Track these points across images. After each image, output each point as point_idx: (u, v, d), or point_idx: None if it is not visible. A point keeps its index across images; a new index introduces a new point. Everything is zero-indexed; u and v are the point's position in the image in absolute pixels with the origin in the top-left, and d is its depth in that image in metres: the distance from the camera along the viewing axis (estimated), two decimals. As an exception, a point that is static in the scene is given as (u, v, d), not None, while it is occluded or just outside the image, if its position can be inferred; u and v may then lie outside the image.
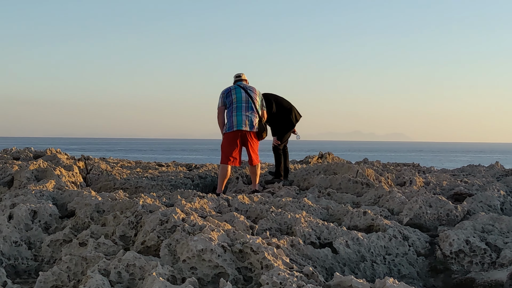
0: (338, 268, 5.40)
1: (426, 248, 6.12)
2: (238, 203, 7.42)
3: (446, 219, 7.33)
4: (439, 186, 10.02)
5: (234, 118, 9.90)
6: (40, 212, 6.74)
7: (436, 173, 13.91)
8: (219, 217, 6.39)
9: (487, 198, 8.14)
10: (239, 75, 10.36)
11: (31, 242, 6.17)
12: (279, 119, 11.01)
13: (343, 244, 5.71)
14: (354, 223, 6.79)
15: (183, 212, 6.02)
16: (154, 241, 5.44)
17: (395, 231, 6.15)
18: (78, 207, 7.18)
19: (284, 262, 4.78)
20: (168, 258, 4.97)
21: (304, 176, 11.23)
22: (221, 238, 5.06)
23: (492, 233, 6.23)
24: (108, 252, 5.42)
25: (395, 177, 11.34)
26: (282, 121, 11.07)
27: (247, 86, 10.13)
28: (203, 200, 7.32)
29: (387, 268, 5.65)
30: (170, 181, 11.53)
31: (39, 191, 8.00)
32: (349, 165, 11.12)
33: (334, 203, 8.05)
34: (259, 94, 10.14)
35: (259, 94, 10.14)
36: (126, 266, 4.64)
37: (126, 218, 6.09)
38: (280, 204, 7.56)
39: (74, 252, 5.49)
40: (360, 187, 9.72)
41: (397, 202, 8.01)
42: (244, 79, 10.33)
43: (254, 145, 10.13)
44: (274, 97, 11.02)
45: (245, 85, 10.15)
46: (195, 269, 4.74)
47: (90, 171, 12.51)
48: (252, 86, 10.18)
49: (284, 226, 6.34)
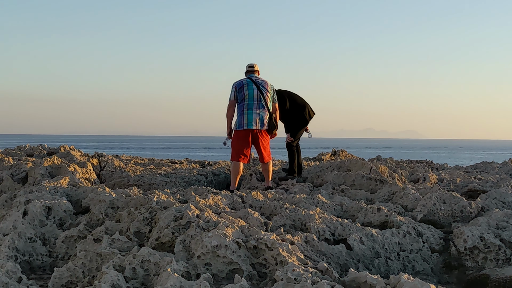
0: (352, 264, 5.39)
1: (440, 244, 6.10)
2: (252, 200, 7.42)
3: (460, 215, 7.30)
4: (453, 183, 9.99)
5: (245, 116, 9.89)
6: (54, 209, 6.77)
7: (450, 170, 13.88)
8: (233, 214, 6.40)
9: (501, 195, 8.11)
10: (252, 65, 10.28)
11: (46, 238, 6.20)
12: (293, 116, 11.00)
13: (357, 241, 5.70)
14: (368, 219, 6.78)
15: (197, 209, 6.02)
16: (169, 237, 5.45)
17: (409, 228, 6.13)
18: (92, 203, 7.20)
19: (299, 258, 4.78)
20: (183, 254, 4.99)
21: (317, 173, 11.23)
22: (235, 234, 5.07)
23: (506, 230, 6.20)
24: (122, 248, 5.43)
25: (408, 174, 11.32)
26: (296, 118, 11.05)
27: (259, 80, 10.04)
28: (217, 196, 7.32)
29: (401, 264, 5.64)
30: (184, 178, 11.55)
31: (53, 188, 8.03)
32: (362, 162, 11.11)
33: (348, 200, 8.04)
34: (271, 88, 10.10)
35: (271, 88, 10.10)
36: (141, 262, 4.65)
37: (140, 215, 6.11)
38: (294, 201, 7.56)
39: (89, 248, 5.51)
40: (374, 184, 9.70)
41: (411, 198, 7.99)
42: (256, 70, 10.27)
43: (265, 142, 10.13)
44: (288, 93, 11.01)
45: (257, 79, 10.07)
46: (210, 265, 4.75)
47: (104, 168, 12.55)
48: (265, 79, 10.13)
49: (298, 223, 6.34)
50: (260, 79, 10.08)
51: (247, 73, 10.26)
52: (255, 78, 10.09)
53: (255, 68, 10.28)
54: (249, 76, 10.16)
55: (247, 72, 10.27)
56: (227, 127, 10.18)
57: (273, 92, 10.14)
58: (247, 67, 10.32)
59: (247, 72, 10.28)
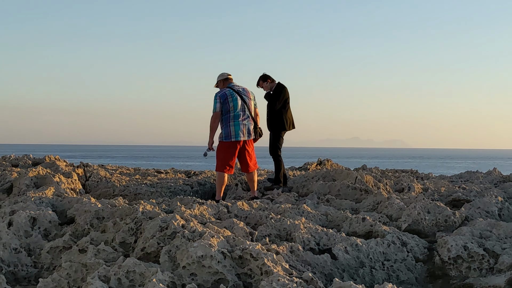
0: (337, 274, 5.42)
1: (424, 254, 6.14)
2: (238, 210, 7.44)
3: (444, 225, 7.35)
4: (437, 192, 10.05)
5: (232, 128, 9.90)
6: (39, 219, 6.76)
7: (434, 179, 13.95)
8: (218, 224, 6.41)
9: (485, 204, 8.17)
10: (228, 74, 10.22)
11: (31, 249, 6.18)
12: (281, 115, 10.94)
13: (342, 250, 5.73)
14: (353, 229, 6.81)
15: (183, 219, 6.03)
16: (154, 248, 5.46)
17: (393, 237, 6.17)
18: (77, 214, 7.19)
19: (284, 268, 4.80)
20: (168, 264, 4.99)
21: (303, 182, 11.25)
22: (221, 244, 5.08)
23: (490, 239, 6.25)
24: (108, 258, 5.43)
25: (393, 184, 11.37)
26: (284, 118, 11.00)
27: (241, 90, 10.03)
28: (202, 206, 7.33)
29: (386, 274, 5.67)
30: (170, 188, 11.53)
31: (38, 198, 8.01)
32: (348, 171, 11.14)
33: (333, 210, 8.07)
34: (252, 94, 10.18)
35: (252, 94, 10.18)
36: (126, 273, 4.65)
37: (126, 225, 6.11)
38: (279, 211, 7.58)
39: (74, 259, 5.50)
40: (359, 194, 9.74)
41: (396, 208, 8.03)
42: (232, 78, 10.24)
43: (252, 151, 10.17)
44: (284, 94, 10.97)
45: (238, 88, 10.04)
46: (195, 275, 4.76)
47: (89, 178, 12.52)
48: (244, 86, 10.16)
49: (284, 233, 6.36)
50: (241, 88, 10.09)
51: (225, 81, 10.20)
52: (236, 87, 10.05)
53: (230, 76, 10.24)
54: (229, 86, 10.10)
55: (225, 80, 10.21)
56: (209, 138, 10.12)
57: (254, 97, 10.18)
58: (223, 75, 10.22)
59: (224, 81, 10.22)
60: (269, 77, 11.03)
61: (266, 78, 11.03)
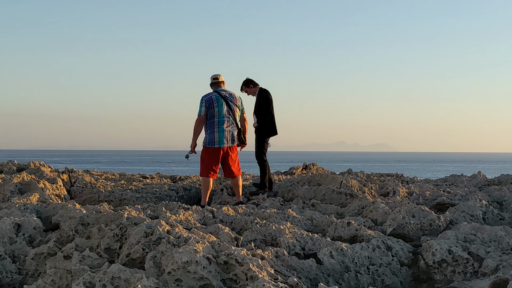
0: (322, 278, 5.43)
1: (409, 258, 6.17)
2: (223, 215, 7.44)
3: (429, 229, 7.39)
4: (422, 196, 10.09)
5: (216, 134, 9.91)
6: (24, 226, 6.72)
7: (419, 183, 13.99)
8: (204, 229, 6.41)
9: (469, 208, 8.21)
10: (216, 77, 10.18)
11: (15, 256, 6.15)
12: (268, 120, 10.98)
13: (327, 255, 5.74)
14: (338, 233, 6.83)
15: (168, 224, 6.02)
16: (139, 254, 5.45)
17: (378, 242, 6.19)
18: (62, 220, 7.16)
19: (269, 273, 4.81)
20: (153, 270, 4.98)
21: (288, 187, 11.26)
22: (206, 250, 5.09)
23: (474, 243, 6.29)
24: (93, 265, 5.42)
25: (378, 188, 11.40)
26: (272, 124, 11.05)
27: (227, 95, 10.03)
28: (188, 212, 7.33)
29: (371, 278, 5.69)
30: (155, 193, 11.51)
31: (23, 204, 7.98)
32: (333, 176, 11.16)
33: (318, 214, 8.09)
34: (239, 100, 10.19)
35: (239, 100, 10.19)
36: (111, 279, 4.64)
37: (111, 231, 6.08)
38: (264, 216, 7.59)
39: (59, 265, 5.48)
40: (344, 198, 9.77)
41: (381, 212, 8.06)
42: (221, 81, 10.18)
43: (235, 157, 10.19)
44: (270, 99, 11.01)
45: (225, 93, 10.03)
46: (180, 281, 4.76)
47: (74, 183, 12.47)
48: (232, 91, 10.17)
49: (269, 238, 6.36)
50: (228, 92, 10.08)
51: (213, 85, 10.18)
52: (223, 92, 10.03)
53: (220, 79, 10.19)
54: (216, 90, 10.08)
55: (213, 85, 10.19)
56: (192, 141, 10.16)
57: (241, 103, 10.18)
58: (211, 78, 10.21)
59: (212, 84, 10.20)
60: (252, 81, 11.06)
61: (249, 83, 11.06)
